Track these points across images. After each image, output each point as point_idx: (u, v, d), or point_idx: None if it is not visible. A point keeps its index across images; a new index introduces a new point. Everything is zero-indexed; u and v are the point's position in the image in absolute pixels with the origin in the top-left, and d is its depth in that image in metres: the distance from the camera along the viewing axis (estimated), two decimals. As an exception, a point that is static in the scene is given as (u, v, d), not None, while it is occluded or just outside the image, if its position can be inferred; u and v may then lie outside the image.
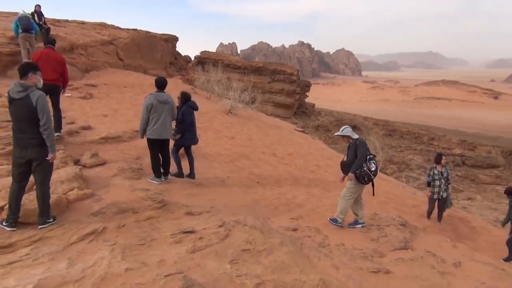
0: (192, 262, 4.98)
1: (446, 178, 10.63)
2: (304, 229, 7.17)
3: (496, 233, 11.42)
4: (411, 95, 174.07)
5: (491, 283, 6.22)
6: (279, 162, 12.91)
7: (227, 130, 15.22)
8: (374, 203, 10.10)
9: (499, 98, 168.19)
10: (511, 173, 51.75)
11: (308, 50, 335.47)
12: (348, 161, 7.59)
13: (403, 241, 7.29)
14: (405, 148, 58.41)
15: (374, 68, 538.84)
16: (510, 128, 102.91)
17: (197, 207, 7.05)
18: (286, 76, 65.95)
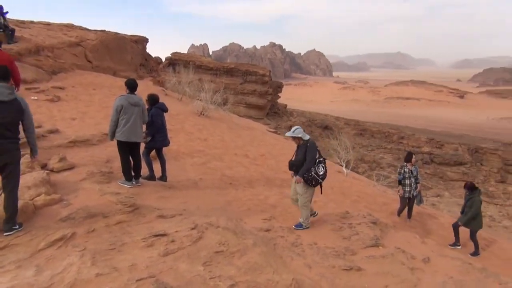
0: (164, 265, 4.93)
1: (416, 176, 10.87)
2: (277, 230, 7.21)
3: (463, 228, 11.74)
4: (381, 95, 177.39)
5: (459, 277, 6.40)
6: (251, 163, 12.94)
7: (199, 132, 15.15)
8: (346, 202, 10.26)
9: (465, 98, 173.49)
10: (477, 170, 53.37)
11: (280, 51, 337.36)
12: (296, 161, 7.52)
13: (374, 239, 7.42)
14: (376, 147, 59.48)
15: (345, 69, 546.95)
16: (476, 126, 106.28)
17: (169, 210, 6.99)
18: (258, 77, 66.12)
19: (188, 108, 19.09)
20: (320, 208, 9.33)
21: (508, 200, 48.41)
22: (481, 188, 43.92)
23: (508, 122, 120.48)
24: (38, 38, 19.14)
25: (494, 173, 52.28)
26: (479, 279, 6.44)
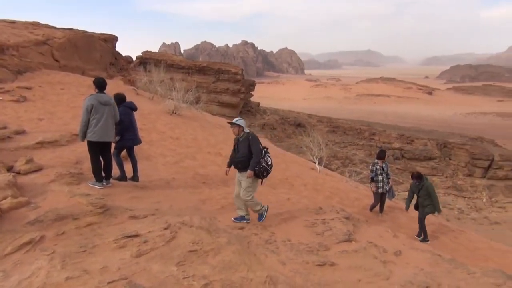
0: (137, 266, 4.86)
1: (387, 172, 11.07)
2: (251, 227, 7.22)
3: (433, 221, 12.03)
4: (352, 92, 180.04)
5: (429, 269, 6.55)
6: (224, 162, 12.82)
7: (171, 131, 15.00)
8: (319, 198, 10.36)
9: (433, 94, 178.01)
10: (446, 164, 54.84)
11: (252, 50, 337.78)
12: (241, 157, 7.33)
13: (347, 234, 7.52)
14: (348, 144, 60.33)
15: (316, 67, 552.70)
16: (444, 122, 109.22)
17: (141, 210, 6.89)
18: (230, 76, 66.01)
19: (160, 107, 18.87)
20: (293, 204, 9.40)
21: (476, 193, 49.97)
22: (449, 182, 45.11)
23: (474, 118, 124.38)
24: (2, 36, 18.55)
25: (462, 167, 53.85)
26: (448, 270, 6.60)
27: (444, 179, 52.51)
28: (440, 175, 53.20)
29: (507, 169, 50.87)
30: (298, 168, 16.00)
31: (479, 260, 9.32)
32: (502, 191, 49.88)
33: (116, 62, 28.62)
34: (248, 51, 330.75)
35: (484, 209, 46.32)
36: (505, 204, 47.66)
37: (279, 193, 10.53)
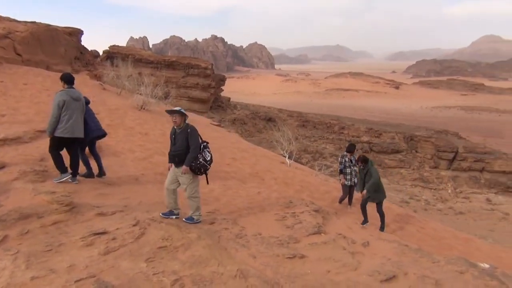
0: (105, 264, 4.80)
1: (355, 165, 11.25)
2: (221, 222, 7.21)
3: (399, 212, 12.33)
4: (321, 87, 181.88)
5: (395, 259, 6.73)
6: (195, 157, 12.82)
7: (139, 127, 14.78)
8: (289, 192, 10.45)
9: (400, 88, 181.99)
10: (413, 157, 56.22)
11: (222, 44, 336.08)
12: (179, 150, 6.71)
13: (317, 226, 7.62)
14: (318, 138, 60.97)
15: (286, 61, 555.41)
16: (410, 116, 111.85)
17: (109, 207, 6.78)
18: (200, 71, 65.46)
19: (128, 102, 18.56)
20: (263, 199, 9.45)
21: (441, 185, 51.52)
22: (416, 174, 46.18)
23: (439, 111, 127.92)
24: (-41, 29, 17.79)
25: (428, 159, 55.34)
26: (414, 259, 6.80)
27: (411, 171, 53.83)
28: (407, 167, 54.51)
29: (471, 160, 52.59)
30: (268, 162, 16.08)
31: (444, 249, 9.63)
32: (466, 182, 51.59)
33: (82, 57, 27.92)
34: (218, 46, 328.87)
35: (449, 200, 47.81)
36: (469, 194, 49.34)
37: (249, 188, 10.56)
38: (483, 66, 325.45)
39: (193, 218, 6.82)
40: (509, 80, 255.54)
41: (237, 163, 13.84)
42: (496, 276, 6.28)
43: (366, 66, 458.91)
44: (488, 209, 45.36)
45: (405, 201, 46.18)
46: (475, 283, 5.82)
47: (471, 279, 5.96)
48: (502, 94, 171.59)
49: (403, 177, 52.91)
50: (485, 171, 51.90)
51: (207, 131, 19.18)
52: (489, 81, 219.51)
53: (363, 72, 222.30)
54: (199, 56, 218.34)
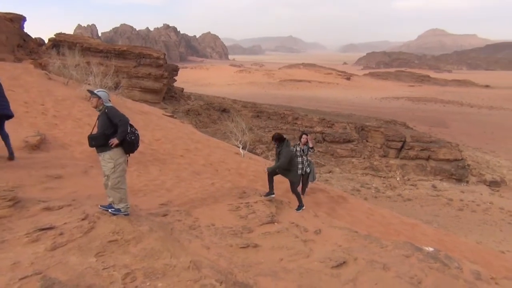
0: (53, 260, 4.63)
1: (307, 154, 11.36)
2: (174, 214, 7.15)
3: (350, 200, 12.68)
4: (275, 77, 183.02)
5: (346, 245, 6.94)
6: (146, 148, 12.59)
7: (88, 118, 14.30)
8: (243, 182, 10.49)
9: (351, 79, 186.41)
10: (364, 146, 57.91)
11: (174, 34, 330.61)
12: (99, 133, 6.15)
13: (270, 216, 7.71)
14: (273, 128, 61.40)
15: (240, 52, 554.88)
16: (361, 106, 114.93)
17: (56, 201, 6.54)
18: (152, 60, 64.07)
19: (76, 92, 17.90)
20: (217, 189, 9.44)
21: (390, 172, 53.49)
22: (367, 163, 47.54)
23: (388, 102, 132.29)
24: None
25: (378, 148, 57.20)
26: (363, 245, 7.04)
27: (362, 160, 55.47)
28: (358, 156, 56.10)
29: (417, 149, 54.86)
30: (222, 153, 16.05)
31: (391, 235, 10.01)
32: (413, 169, 53.82)
33: (25, 44, 26.60)
34: (170, 35, 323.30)
35: (398, 187, 49.78)
36: (416, 182, 51.57)
37: (203, 179, 10.51)
38: (429, 59, 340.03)
39: (120, 210, 6.23)
40: (453, 72, 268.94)
41: (191, 154, 13.72)
42: (439, 258, 6.62)
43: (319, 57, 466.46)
44: (433, 195, 47.68)
45: (357, 189, 47.64)
46: (420, 266, 6.11)
47: (416, 262, 6.25)
48: (447, 85, 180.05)
49: (355, 166, 54.45)
50: (431, 159, 54.33)
51: (160, 122, 18.86)
52: (435, 73, 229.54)
53: (316, 64, 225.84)
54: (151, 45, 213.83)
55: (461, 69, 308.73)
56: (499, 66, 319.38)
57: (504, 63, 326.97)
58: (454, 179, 52.16)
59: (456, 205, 44.61)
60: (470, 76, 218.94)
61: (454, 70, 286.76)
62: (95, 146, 6.19)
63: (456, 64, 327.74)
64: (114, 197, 6.28)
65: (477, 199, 46.71)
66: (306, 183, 11.53)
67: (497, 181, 51.34)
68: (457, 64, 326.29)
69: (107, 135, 6.09)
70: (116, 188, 6.23)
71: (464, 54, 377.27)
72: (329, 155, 56.10)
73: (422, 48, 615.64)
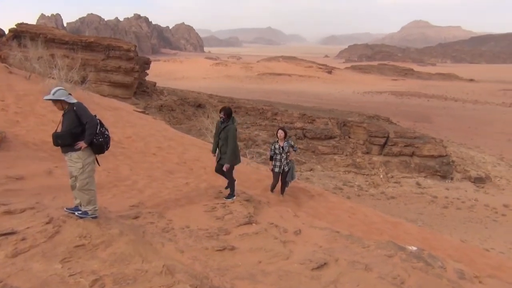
0: (14, 267, 4.55)
1: (287, 152, 11.31)
2: (146, 216, 7.10)
3: (332, 199, 12.82)
4: (253, 71, 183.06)
5: (327, 246, 7.02)
6: (116, 147, 12.44)
7: (52, 114, 14.02)
8: (219, 181, 10.46)
9: (333, 73, 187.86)
10: (346, 143, 58.46)
11: (146, 24, 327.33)
12: (64, 132, 5.99)
13: (248, 216, 7.74)
14: (251, 125, 61.43)
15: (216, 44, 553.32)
16: (343, 101, 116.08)
17: (18, 204, 6.40)
18: (122, 53, 63.20)
19: (39, 87, 17.52)
20: (192, 189, 9.41)
21: (373, 170, 54.20)
22: (349, 160, 48.05)
23: (370, 96, 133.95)
24: None
25: (361, 145, 57.84)
26: (345, 245, 7.13)
27: (344, 157, 56.02)
28: (340, 153, 56.63)
29: (401, 145, 55.69)
30: (197, 151, 15.99)
31: (374, 234, 10.17)
32: (397, 166, 54.66)
33: (-17, 36, 25.85)
34: (141, 26, 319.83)
35: (381, 185, 50.54)
36: (400, 179, 52.42)
37: (176, 178, 10.45)
38: (412, 51, 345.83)
39: (87, 213, 6.11)
40: (437, 65, 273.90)
41: (164, 153, 13.64)
42: (423, 257, 6.76)
43: (299, 50, 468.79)
44: (418, 193, 48.59)
45: (339, 187, 48.15)
46: (403, 266, 6.23)
47: (399, 262, 6.36)
48: (430, 79, 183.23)
49: (337, 164, 54.96)
50: (415, 155, 55.24)
51: (131, 119, 18.66)
52: (418, 66, 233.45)
53: (296, 56, 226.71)
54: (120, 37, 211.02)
55: (446, 62, 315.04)
56: (484, 59, 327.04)
57: (488, 56, 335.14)
58: (439, 176, 53.19)
59: (441, 203, 45.54)
60: (455, 69, 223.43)
61: (438, 63, 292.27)
62: (61, 145, 6.06)
63: (440, 57, 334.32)
64: (82, 199, 6.18)
65: (462, 196, 47.80)
66: (285, 182, 11.56)
67: (482, 177, 52.60)
68: (441, 57, 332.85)
69: (75, 133, 5.96)
70: (84, 190, 6.13)
71: (449, 46, 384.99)
72: (310, 152, 56.46)
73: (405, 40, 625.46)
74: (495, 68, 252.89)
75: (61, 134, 6.00)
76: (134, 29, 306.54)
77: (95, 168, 6.32)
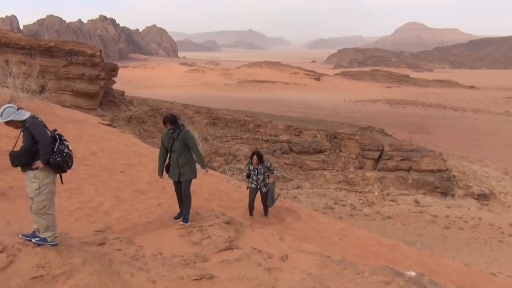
0: (-39, 303, 4.45)
1: (263, 174, 11.15)
2: (113, 242, 7.02)
3: (321, 220, 12.86)
4: (234, 78, 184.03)
5: (317, 272, 7.01)
6: (79, 164, 12.30)
7: (6, 128, 13.82)
8: (196, 201, 10.40)
9: (321, 80, 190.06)
10: (337, 157, 58.81)
11: (113, 27, 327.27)
12: (23, 151, 5.95)
13: (228, 241, 7.69)
14: (231, 138, 61.51)
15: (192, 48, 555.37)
16: (333, 110, 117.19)
17: (-35, 231, 6.29)
18: (86, 58, 62.92)
19: (-9, 98, 17.35)
20: (165, 211, 9.35)
21: (367, 187, 54.55)
22: (341, 176, 48.46)
23: (363, 105, 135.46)
24: None
25: (353, 159, 58.25)
26: (337, 271, 7.13)
27: (335, 173, 56.33)
28: (331, 168, 56.93)
29: (397, 159, 56.20)
30: (171, 168, 15.91)
31: (368, 258, 10.20)
32: (393, 182, 55.13)
33: None
34: (107, 29, 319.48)
35: (377, 204, 50.89)
36: (397, 196, 52.85)
37: (148, 199, 10.37)
38: (407, 56, 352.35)
39: (46, 239, 5.99)
40: (435, 71, 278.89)
41: (133, 170, 13.54)
42: (423, 284, 6.79)
43: (283, 54, 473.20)
44: (416, 212, 49.03)
45: (330, 206, 48.34)
46: (401, 293, 6.25)
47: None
48: (428, 86, 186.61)
49: (327, 180, 55.22)
50: (412, 170, 55.79)
51: (96, 132, 18.52)
52: (414, 72, 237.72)
53: (280, 62, 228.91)
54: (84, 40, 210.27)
55: (443, 68, 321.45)
56: (485, 64, 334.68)
57: (489, 61, 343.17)
58: (439, 193, 53.78)
59: (442, 222, 46.01)
60: (454, 75, 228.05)
61: (435, 69, 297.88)
62: (18, 165, 5.98)
63: (437, 62, 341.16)
64: (40, 224, 6.04)
65: (465, 214, 48.38)
66: (265, 203, 11.36)
67: (485, 193, 53.33)
68: (439, 62, 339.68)
69: (32, 152, 5.88)
70: (41, 214, 5.98)
71: (446, 50, 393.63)
72: (297, 168, 56.67)
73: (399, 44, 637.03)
74: (497, 74, 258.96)
75: (17, 154, 5.91)
76: (99, 32, 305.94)
77: (55, 189, 6.23)
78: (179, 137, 8.51)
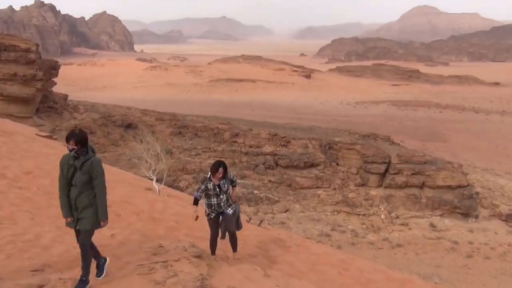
0: None
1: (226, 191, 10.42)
2: (56, 283, 6.96)
3: (316, 250, 12.87)
4: (204, 76, 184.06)
5: (310, 316, 7.01)
6: (10, 186, 12.20)
7: None
8: (159, 231, 10.38)
9: (312, 77, 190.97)
10: (333, 172, 58.85)
11: (53, 15, 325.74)
12: None
13: (199, 279, 7.64)
14: (202, 150, 61.38)
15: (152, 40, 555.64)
16: (327, 115, 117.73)
17: None
18: (19, 54, 62.49)
19: None
20: (120, 244, 9.29)
21: (372, 208, 54.50)
22: (339, 196, 48.62)
23: (364, 108, 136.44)
24: None
25: (353, 174, 58.38)
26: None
27: (331, 192, 56.31)
28: (326, 186, 56.91)
29: (407, 173, 56.23)
30: (127, 189, 15.84)
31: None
32: (403, 202, 55.24)
33: None
34: (45, 17, 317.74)
35: (383, 228, 50.92)
36: (408, 219, 52.91)
37: (98, 229, 10.26)
38: (417, 47, 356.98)
39: None
40: (450, 64, 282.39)
41: (80, 193, 13.42)
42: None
43: (265, 46, 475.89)
44: (432, 238, 49.15)
45: (326, 233, 48.33)
46: None
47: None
48: (443, 83, 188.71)
49: (322, 201, 55.19)
50: (426, 186, 55.89)
51: (33, 147, 18.34)
52: (426, 67, 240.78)
53: (262, 55, 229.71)
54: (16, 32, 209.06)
55: (461, 61, 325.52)
56: (511, 56, 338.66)
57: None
58: (459, 214, 53.95)
59: (464, 250, 46.23)
60: (474, 70, 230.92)
61: (451, 62, 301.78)
62: None
63: (453, 53, 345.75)
64: None
65: (491, 240, 48.67)
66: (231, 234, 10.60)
67: (515, 213, 53.67)
68: (455, 54, 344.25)
69: None
70: None
71: (464, 40, 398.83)
72: (285, 186, 56.63)
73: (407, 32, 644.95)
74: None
75: None
76: (35, 22, 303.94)
77: None
78: (83, 167, 7.22)
